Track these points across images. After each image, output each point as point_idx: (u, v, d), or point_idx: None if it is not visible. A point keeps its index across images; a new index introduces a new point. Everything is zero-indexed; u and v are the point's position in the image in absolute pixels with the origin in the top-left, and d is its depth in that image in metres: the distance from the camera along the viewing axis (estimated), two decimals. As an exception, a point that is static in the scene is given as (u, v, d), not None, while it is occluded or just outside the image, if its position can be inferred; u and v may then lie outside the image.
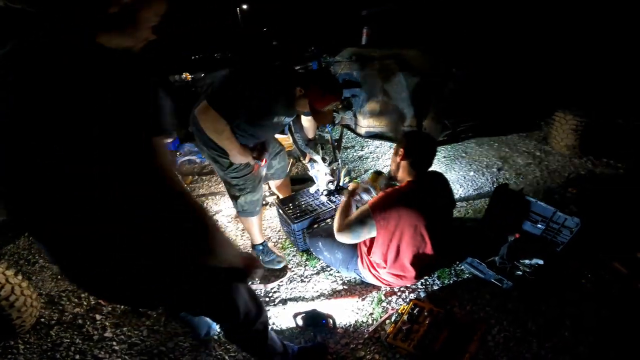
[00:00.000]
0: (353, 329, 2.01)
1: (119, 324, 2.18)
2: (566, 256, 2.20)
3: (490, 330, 1.89)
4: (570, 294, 2.05)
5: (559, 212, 2.18)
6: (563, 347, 1.77)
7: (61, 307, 2.33)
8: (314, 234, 2.46)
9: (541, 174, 3.31)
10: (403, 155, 1.88)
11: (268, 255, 2.56)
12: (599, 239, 2.29)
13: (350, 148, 4.30)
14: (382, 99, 2.80)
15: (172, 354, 1.96)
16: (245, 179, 2.21)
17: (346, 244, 2.07)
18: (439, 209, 1.99)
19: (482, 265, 2.16)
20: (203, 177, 4.01)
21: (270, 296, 2.30)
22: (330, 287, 2.31)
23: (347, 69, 2.81)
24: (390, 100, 2.79)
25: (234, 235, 2.89)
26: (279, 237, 2.88)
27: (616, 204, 2.71)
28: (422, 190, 1.91)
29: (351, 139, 4.53)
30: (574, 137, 3.30)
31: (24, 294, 2.06)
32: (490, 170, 3.44)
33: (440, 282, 2.25)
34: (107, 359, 1.97)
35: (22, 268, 2.73)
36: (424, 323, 1.92)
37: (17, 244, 3.00)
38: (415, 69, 2.57)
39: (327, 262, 2.41)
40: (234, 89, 1.86)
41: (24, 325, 2.08)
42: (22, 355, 2.02)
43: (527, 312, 1.97)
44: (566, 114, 3.27)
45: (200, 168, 4.19)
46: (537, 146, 3.75)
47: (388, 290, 2.23)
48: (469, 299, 2.10)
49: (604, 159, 3.37)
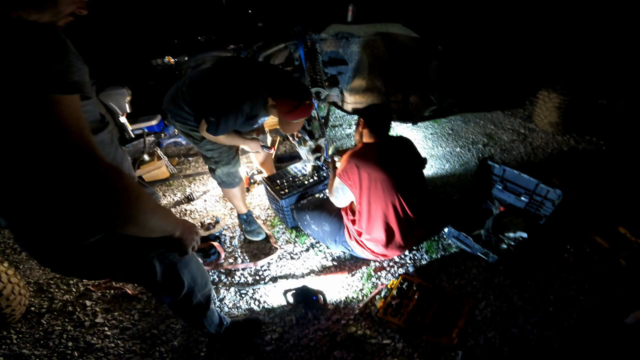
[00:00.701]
0: (344, 305, 2.05)
1: (110, 309, 2.17)
2: (549, 229, 2.27)
3: (477, 304, 1.96)
4: (554, 268, 2.12)
5: (541, 184, 2.23)
6: (548, 323, 1.84)
7: (50, 294, 2.31)
8: (300, 208, 2.48)
9: (525, 150, 3.36)
10: (363, 124, 2.08)
11: (250, 225, 2.62)
12: (580, 212, 2.37)
13: (337, 126, 4.27)
14: (368, 75, 2.77)
15: (164, 337, 1.98)
16: (220, 151, 2.24)
17: (333, 216, 2.25)
18: (402, 164, 2.04)
19: (469, 239, 2.21)
20: (189, 158, 3.95)
21: (260, 274, 2.32)
22: (320, 263, 2.35)
23: (332, 47, 2.75)
24: (376, 76, 2.76)
25: (222, 214, 2.87)
26: (268, 215, 2.88)
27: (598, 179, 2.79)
28: (379, 146, 2.03)
29: (339, 117, 4.49)
30: (557, 115, 3.34)
31: (11, 282, 2.02)
32: (476, 146, 3.48)
33: (428, 257, 2.30)
34: (100, 344, 1.97)
35: (9, 257, 2.68)
36: (413, 297, 1.97)
37: (3, 232, 2.92)
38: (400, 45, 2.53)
39: (316, 236, 2.44)
40: (218, 109, 1.88)
41: (14, 315, 2.05)
42: (15, 345, 2.00)
43: (512, 286, 2.04)
44: (550, 92, 3.30)
45: (186, 150, 4.11)
46: (521, 124, 3.80)
47: (377, 265, 2.27)
48: (457, 273, 2.16)
49: (586, 137, 3.44)
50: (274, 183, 2.68)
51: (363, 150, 2.04)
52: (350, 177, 1.99)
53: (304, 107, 1.93)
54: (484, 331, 1.83)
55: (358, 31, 2.61)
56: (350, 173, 1.99)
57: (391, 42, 2.53)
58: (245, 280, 2.29)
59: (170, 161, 3.70)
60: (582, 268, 2.09)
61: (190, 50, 3.73)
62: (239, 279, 2.30)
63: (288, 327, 1.95)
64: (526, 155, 3.28)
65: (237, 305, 2.13)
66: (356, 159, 1.98)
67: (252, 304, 2.12)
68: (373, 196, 1.98)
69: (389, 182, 1.95)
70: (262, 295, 2.16)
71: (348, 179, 2.00)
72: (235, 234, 2.72)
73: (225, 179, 2.38)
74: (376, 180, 1.94)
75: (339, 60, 2.83)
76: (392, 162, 1.99)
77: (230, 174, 2.36)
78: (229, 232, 2.75)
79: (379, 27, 2.52)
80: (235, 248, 2.59)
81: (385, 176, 1.94)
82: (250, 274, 2.33)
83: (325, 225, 2.29)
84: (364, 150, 2.04)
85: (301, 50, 2.52)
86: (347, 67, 2.82)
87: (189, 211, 3.06)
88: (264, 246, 2.57)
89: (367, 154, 2.01)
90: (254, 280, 2.28)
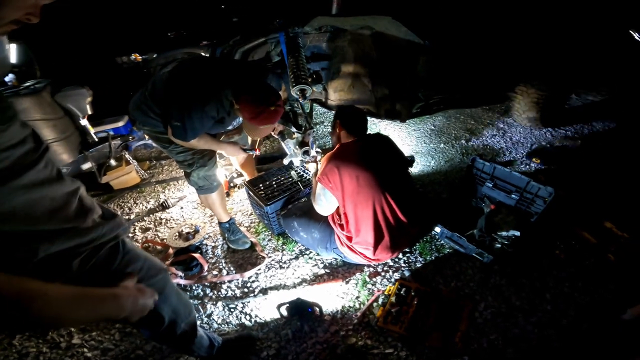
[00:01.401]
0: (340, 314, 1.94)
1: (86, 329, 1.96)
2: (540, 226, 2.27)
3: (476, 306, 1.92)
4: (546, 265, 2.12)
5: (532, 182, 2.22)
6: (547, 321, 1.82)
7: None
8: (288, 214, 2.34)
9: (506, 144, 3.40)
10: (340, 125, 2.03)
11: (234, 234, 2.46)
12: (568, 208, 2.39)
13: (319, 124, 4.16)
14: (354, 71, 2.66)
15: (151, 358, 1.78)
16: (193, 152, 2.10)
17: (322, 222, 2.14)
18: (384, 161, 1.96)
19: (462, 239, 2.17)
20: (162, 161, 3.69)
21: (249, 286, 2.16)
22: (312, 271, 2.23)
23: (315, 41, 2.61)
24: (362, 72, 2.66)
25: (202, 222, 2.68)
26: (252, 222, 2.72)
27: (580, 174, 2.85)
28: (359, 145, 1.96)
29: (320, 114, 4.38)
30: (535, 110, 3.40)
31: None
32: (459, 142, 3.48)
33: (422, 259, 2.24)
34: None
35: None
36: (412, 303, 1.90)
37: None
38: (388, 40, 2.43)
39: (305, 243, 2.30)
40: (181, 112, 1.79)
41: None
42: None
43: (509, 286, 2.02)
44: (528, 88, 3.35)
45: (157, 153, 3.84)
46: (499, 118, 3.85)
47: (372, 271, 2.18)
48: (452, 275, 2.12)
49: (561, 131, 3.53)
50: (257, 187, 2.53)
51: (342, 150, 1.96)
52: (330, 179, 1.88)
53: (269, 114, 1.79)
54: (486, 333, 1.79)
55: (344, 24, 2.49)
56: (331, 175, 1.88)
57: (379, 36, 2.43)
58: (233, 293, 2.13)
59: (140, 165, 3.44)
60: (573, 264, 2.10)
61: (159, 47, 3.48)
62: (225, 292, 2.14)
63: (284, 342, 1.82)
64: (507, 150, 3.31)
65: (226, 320, 1.97)
66: (335, 160, 1.89)
67: (243, 319, 1.96)
68: (358, 196, 1.87)
69: (373, 180, 1.85)
70: (253, 309, 2.01)
71: (329, 182, 1.89)
72: (218, 243, 2.54)
73: (203, 183, 2.21)
74: (359, 179, 1.84)
75: (323, 55, 2.70)
76: (374, 159, 1.91)
77: (207, 177, 2.20)
78: (211, 241, 2.57)
79: (366, 20, 2.40)
80: (218, 259, 2.41)
81: (368, 174, 1.85)
82: (238, 286, 2.17)
83: (315, 232, 2.17)
84: (342, 150, 1.96)
85: (283, 46, 2.36)
86: (331, 62, 2.70)
87: (165, 220, 2.84)
88: (250, 255, 2.41)
89: (347, 153, 1.92)
90: (242, 293, 2.13)
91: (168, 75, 1.90)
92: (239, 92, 1.81)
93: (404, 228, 2.01)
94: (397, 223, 1.97)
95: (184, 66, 1.95)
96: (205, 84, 1.82)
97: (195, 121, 1.80)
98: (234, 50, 2.78)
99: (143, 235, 2.68)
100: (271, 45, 2.70)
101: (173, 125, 1.82)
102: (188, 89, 1.81)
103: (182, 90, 1.81)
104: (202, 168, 2.15)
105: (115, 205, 3.08)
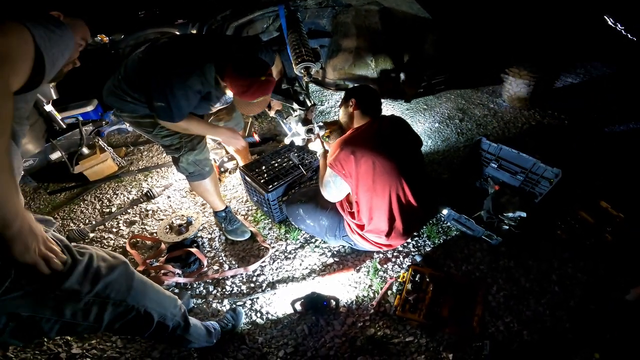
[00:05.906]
0: (356, 305, 1.88)
1: (85, 337, 1.78)
2: (545, 207, 2.29)
3: (489, 290, 1.91)
4: (550, 246, 2.14)
5: (539, 163, 2.22)
6: (557, 303, 1.85)
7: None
8: (291, 201, 2.21)
9: (498, 124, 3.41)
10: (355, 105, 1.88)
11: (232, 223, 2.30)
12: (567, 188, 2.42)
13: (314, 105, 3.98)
14: (356, 48, 2.51)
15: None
16: (180, 136, 1.93)
17: (330, 208, 2.03)
18: (402, 145, 1.87)
19: (470, 221, 2.14)
20: (140, 147, 3.40)
21: (255, 280, 2.05)
22: (320, 261, 2.14)
23: (314, 16, 2.42)
24: (365, 49, 2.51)
25: (194, 212, 2.49)
26: (249, 209, 2.57)
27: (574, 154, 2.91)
28: (376, 128, 1.83)
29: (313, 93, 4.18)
30: (526, 91, 3.42)
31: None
32: (453, 121, 3.45)
33: (431, 243, 2.21)
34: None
35: None
36: (427, 290, 1.87)
37: None
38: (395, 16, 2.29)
39: (311, 231, 2.20)
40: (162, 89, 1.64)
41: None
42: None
43: (517, 268, 2.03)
44: (520, 70, 3.35)
45: (134, 137, 3.53)
46: (489, 99, 3.84)
47: (382, 257, 2.12)
48: (462, 258, 2.10)
49: (548, 111, 3.58)
50: (254, 172, 2.36)
51: (357, 134, 1.81)
52: (345, 166, 1.74)
53: (260, 85, 1.65)
54: (501, 317, 1.80)
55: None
56: (345, 162, 1.73)
57: (387, 12, 2.28)
58: (238, 289, 2.00)
59: (116, 152, 3.15)
60: (574, 245, 2.13)
61: (127, 27, 3.12)
62: (230, 288, 2.01)
63: (301, 339, 1.74)
64: (500, 130, 3.32)
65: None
66: (351, 145, 1.73)
67: (253, 317, 1.85)
68: (374, 185, 1.76)
69: (391, 166, 1.74)
70: (263, 306, 1.90)
71: (342, 169, 1.75)
72: (214, 234, 2.38)
73: (193, 168, 2.03)
74: (376, 166, 1.72)
75: (321, 32, 2.52)
76: (392, 144, 1.79)
77: (197, 161, 2.02)
78: (206, 232, 2.40)
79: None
80: (217, 252, 2.26)
81: (386, 160, 1.73)
82: (243, 282, 2.04)
83: (323, 219, 2.06)
84: (358, 134, 1.81)
85: (283, 20, 2.16)
86: (331, 39, 2.53)
87: (151, 211, 2.62)
88: (251, 246, 2.27)
89: (363, 137, 1.78)
90: (248, 288, 2.01)
91: (142, 55, 1.72)
92: (222, 65, 1.65)
93: (416, 212, 1.94)
94: (410, 208, 1.90)
95: (159, 44, 1.74)
96: (184, 57, 1.67)
97: (180, 98, 1.64)
98: (225, 26, 2.53)
99: (129, 230, 2.46)
100: (269, 20, 2.47)
101: (156, 106, 1.65)
102: (166, 65, 1.65)
103: (160, 68, 1.64)
104: (191, 152, 1.97)
105: (92, 197, 2.81)
